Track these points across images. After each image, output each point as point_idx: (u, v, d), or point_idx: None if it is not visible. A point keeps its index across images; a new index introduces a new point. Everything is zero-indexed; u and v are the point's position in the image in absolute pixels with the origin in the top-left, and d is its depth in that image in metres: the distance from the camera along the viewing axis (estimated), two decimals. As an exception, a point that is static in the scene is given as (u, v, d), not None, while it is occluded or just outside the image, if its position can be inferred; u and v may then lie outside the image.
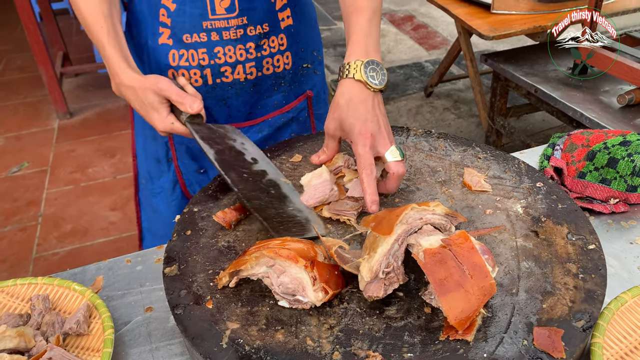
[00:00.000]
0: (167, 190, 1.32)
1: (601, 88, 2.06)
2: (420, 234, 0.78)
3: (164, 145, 1.27)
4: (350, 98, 0.93)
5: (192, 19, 1.10)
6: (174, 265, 0.83)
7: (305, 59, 1.26)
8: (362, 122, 0.91)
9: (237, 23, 1.11)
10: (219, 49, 1.13)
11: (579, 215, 0.91)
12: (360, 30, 0.98)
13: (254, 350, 0.70)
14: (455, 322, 0.69)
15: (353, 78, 0.94)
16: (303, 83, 1.29)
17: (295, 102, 1.29)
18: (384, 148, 0.91)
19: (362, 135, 0.90)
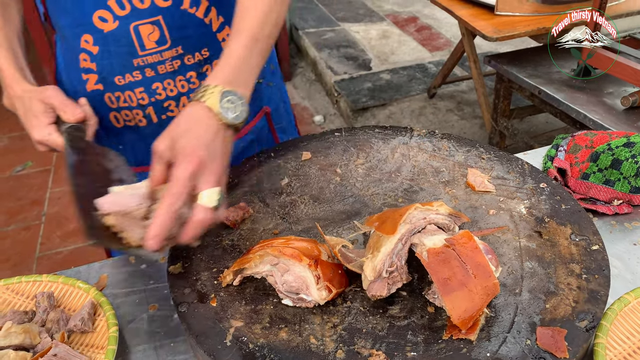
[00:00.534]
0: None
1: (605, 90, 2.06)
2: (423, 233, 0.79)
3: None
4: (195, 121, 0.79)
5: (121, 59, 1.01)
6: (178, 263, 0.84)
7: None
8: (196, 146, 0.76)
9: (172, 54, 1.03)
10: (157, 84, 1.05)
11: (582, 216, 0.91)
12: (233, 54, 0.85)
13: (257, 348, 0.70)
14: (458, 321, 0.70)
15: (204, 103, 0.79)
16: (257, 100, 1.20)
17: (254, 121, 1.21)
18: (206, 184, 0.76)
19: (188, 157, 0.75)
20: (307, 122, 3.77)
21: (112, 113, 1.10)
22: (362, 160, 1.08)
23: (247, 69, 0.85)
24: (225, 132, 0.81)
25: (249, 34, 0.86)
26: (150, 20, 0.99)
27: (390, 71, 4.02)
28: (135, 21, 0.98)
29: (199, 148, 0.76)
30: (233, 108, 0.81)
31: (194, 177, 0.75)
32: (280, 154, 1.10)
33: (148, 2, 0.98)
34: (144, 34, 1.00)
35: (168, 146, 0.78)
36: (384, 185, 1.01)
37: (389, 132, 1.16)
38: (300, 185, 1.01)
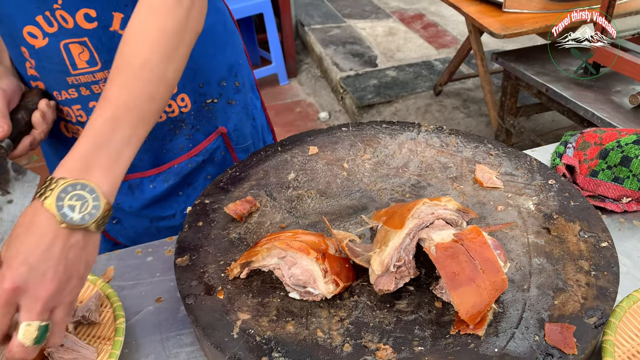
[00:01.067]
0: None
1: (613, 88, 2.05)
2: (431, 228, 0.78)
3: None
4: (28, 226, 0.63)
5: (55, 75, 0.97)
6: (185, 255, 0.84)
7: (209, 94, 1.09)
8: (12, 266, 0.61)
9: (104, 76, 0.96)
10: (94, 103, 0.99)
11: (591, 213, 0.90)
12: (89, 133, 0.68)
13: (264, 340, 0.70)
14: (466, 316, 0.69)
15: (42, 202, 0.63)
16: (212, 120, 1.12)
17: (205, 142, 1.13)
18: (26, 313, 0.61)
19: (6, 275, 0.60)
20: (312, 119, 3.76)
21: (62, 122, 1.06)
22: (369, 156, 1.08)
23: (113, 148, 0.68)
24: (70, 237, 0.63)
25: (117, 104, 0.70)
26: (78, 40, 0.93)
27: (396, 68, 4.01)
28: (64, 39, 0.93)
29: (16, 267, 0.60)
30: (80, 206, 0.64)
31: (10, 303, 0.60)
32: (287, 148, 1.10)
33: (72, 23, 0.91)
34: (75, 53, 0.94)
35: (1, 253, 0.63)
36: (391, 181, 1.01)
37: (396, 127, 1.15)
38: (307, 180, 1.01)
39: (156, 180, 1.12)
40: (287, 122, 3.72)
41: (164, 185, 1.13)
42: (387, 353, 0.68)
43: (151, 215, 1.17)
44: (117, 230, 1.21)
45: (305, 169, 1.04)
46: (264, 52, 4.22)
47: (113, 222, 1.18)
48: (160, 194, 1.13)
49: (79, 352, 0.74)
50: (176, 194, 1.15)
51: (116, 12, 0.93)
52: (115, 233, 1.22)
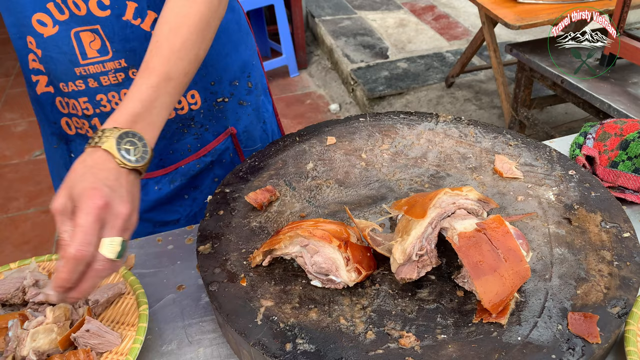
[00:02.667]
0: None
1: (629, 79, 2.03)
2: (453, 218, 0.78)
3: None
4: (92, 166, 0.70)
5: (62, 66, 0.95)
6: (207, 243, 0.84)
7: (221, 93, 1.09)
8: (96, 185, 0.67)
9: (115, 66, 0.96)
10: (101, 96, 0.99)
11: (612, 203, 0.90)
12: (137, 96, 0.76)
13: (288, 327, 0.71)
14: (489, 305, 0.69)
15: (100, 147, 0.71)
16: (222, 120, 1.11)
17: (214, 142, 1.12)
18: (110, 230, 0.67)
19: (90, 200, 0.66)
20: (322, 111, 3.76)
21: (63, 119, 1.05)
22: (387, 146, 1.08)
23: (155, 111, 0.77)
24: (128, 176, 0.72)
25: (160, 73, 0.78)
26: (89, 27, 0.92)
27: (407, 60, 3.99)
28: (75, 27, 0.92)
29: (101, 187, 0.67)
30: (133, 150, 0.72)
31: (99, 220, 0.66)
32: (305, 138, 1.10)
33: (84, 9, 0.91)
34: (85, 41, 0.93)
35: (67, 197, 0.68)
36: (409, 171, 1.01)
37: (414, 117, 1.15)
38: (326, 170, 1.01)
39: (162, 181, 1.10)
40: (298, 114, 3.72)
41: (170, 187, 1.11)
42: (411, 340, 0.68)
43: (155, 220, 1.14)
44: None
45: (324, 159, 1.04)
46: (274, 44, 4.22)
47: None
48: (165, 196, 1.12)
49: (104, 338, 0.75)
50: (182, 197, 1.14)
51: (130, 2, 0.93)
52: None
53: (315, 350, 0.67)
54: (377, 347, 0.68)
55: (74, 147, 1.10)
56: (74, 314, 0.79)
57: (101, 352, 0.75)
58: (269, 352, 0.67)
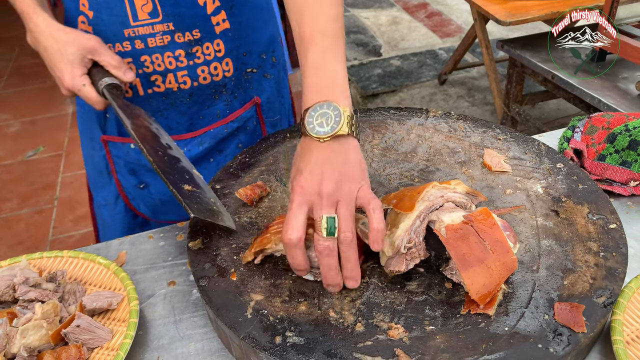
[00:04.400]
0: (110, 204, 1.26)
1: (619, 75, 2.05)
2: (441, 210, 0.79)
3: (102, 157, 1.20)
4: (301, 153, 0.77)
5: (112, 27, 1.00)
6: (198, 239, 0.85)
7: (250, 64, 1.15)
8: (296, 173, 0.75)
9: (163, 29, 1.01)
10: (145, 57, 1.03)
11: (599, 195, 0.91)
12: (309, 67, 0.79)
13: (278, 320, 0.71)
14: (476, 296, 0.70)
15: (311, 137, 0.75)
16: (249, 89, 1.18)
17: (241, 110, 1.18)
18: (316, 210, 0.72)
19: (292, 189, 0.73)
20: (316, 109, 3.76)
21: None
22: (377, 141, 1.08)
23: (332, 71, 0.79)
24: (330, 147, 0.74)
25: (334, 35, 0.80)
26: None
27: (400, 57, 4.00)
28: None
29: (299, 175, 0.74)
30: (325, 121, 0.75)
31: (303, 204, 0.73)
32: (296, 134, 1.11)
33: None
34: (138, 4, 0.99)
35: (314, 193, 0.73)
36: (399, 166, 1.01)
37: (404, 113, 1.16)
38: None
39: (191, 143, 1.16)
40: (292, 112, 3.72)
41: (198, 149, 1.16)
42: (399, 332, 0.69)
43: None
44: (141, 198, 1.22)
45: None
46: (267, 42, 4.21)
47: (140, 187, 1.20)
48: (193, 157, 1.16)
49: (95, 333, 0.76)
50: (207, 160, 1.19)
51: None
52: (139, 201, 1.23)
53: (304, 343, 0.68)
54: (365, 339, 0.68)
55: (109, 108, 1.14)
56: (63, 311, 0.79)
57: (92, 348, 0.75)
58: (258, 346, 0.68)
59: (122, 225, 1.27)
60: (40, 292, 0.80)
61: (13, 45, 4.79)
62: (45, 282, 0.84)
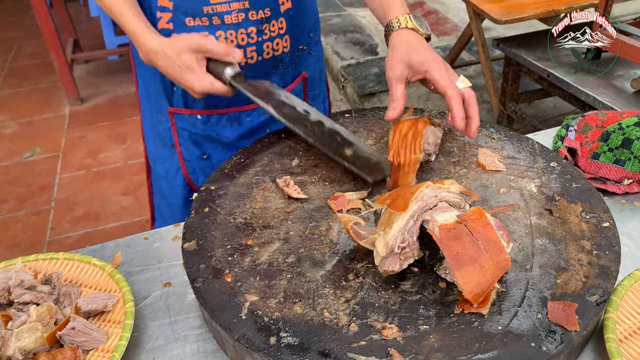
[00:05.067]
0: (170, 176, 1.32)
1: (614, 72, 2.05)
2: (435, 210, 0.79)
3: (167, 130, 1.26)
4: (410, 41, 1.01)
5: (194, 3, 1.07)
6: (192, 240, 0.85)
7: (302, 41, 1.25)
8: (432, 56, 0.99)
9: (239, 7, 1.09)
10: (220, 32, 1.10)
11: (593, 194, 0.91)
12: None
13: (272, 321, 0.71)
14: (470, 296, 0.71)
15: (406, 27, 1.03)
16: (299, 65, 1.27)
17: (293, 84, 1.28)
18: (455, 77, 0.99)
19: (437, 63, 0.98)
20: (313, 108, 3.76)
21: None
22: (372, 141, 1.08)
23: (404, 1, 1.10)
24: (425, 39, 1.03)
25: None
26: None
27: (397, 56, 4.00)
28: None
29: (435, 56, 0.99)
30: (422, 24, 1.04)
31: (447, 75, 0.98)
32: (291, 134, 1.11)
33: None
34: None
35: (404, 67, 1.00)
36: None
37: (398, 112, 1.16)
38: (310, 166, 1.02)
39: (252, 114, 1.24)
40: (289, 112, 3.71)
41: (260, 119, 1.26)
42: (393, 332, 0.69)
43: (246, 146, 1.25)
44: (202, 169, 1.29)
45: (309, 155, 1.05)
46: (264, 42, 4.21)
47: (203, 158, 1.27)
48: (255, 126, 1.26)
49: (90, 335, 0.76)
50: (265, 130, 1.27)
51: None
52: (199, 174, 1.29)
53: (299, 343, 0.68)
54: (360, 339, 0.69)
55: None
56: (58, 313, 0.79)
57: (87, 350, 0.75)
58: (253, 346, 0.68)
59: (180, 198, 1.32)
60: (36, 295, 0.80)
61: (10, 46, 4.78)
62: (41, 284, 0.84)
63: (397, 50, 1.01)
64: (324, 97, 1.42)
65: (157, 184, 1.39)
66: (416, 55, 0.99)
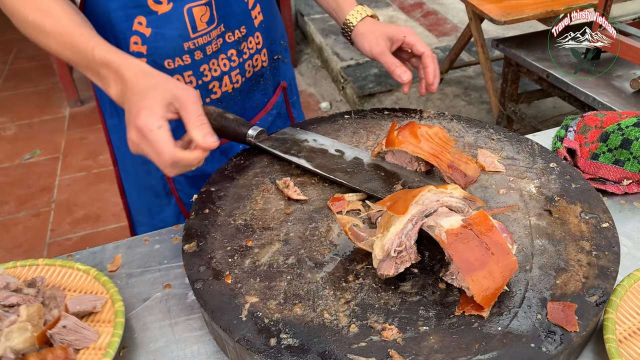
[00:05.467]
0: (170, 224, 1.18)
1: (614, 73, 2.05)
2: (437, 215, 0.79)
3: (159, 179, 1.18)
4: (375, 22, 1.12)
5: (172, 42, 1.00)
6: (193, 242, 0.85)
7: (276, 51, 1.23)
8: (402, 26, 1.11)
9: (217, 33, 1.04)
10: (204, 66, 1.05)
11: (592, 194, 0.91)
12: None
13: (272, 323, 0.71)
14: (481, 299, 0.70)
15: (368, 16, 1.14)
16: (277, 75, 1.26)
17: (274, 97, 1.25)
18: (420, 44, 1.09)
19: (410, 30, 1.10)
20: (313, 109, 3.77)
21: None
22: (372, 142, 1.09)
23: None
24: None
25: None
26: (203, 3, 0.99)
27: (396, 57, 4.00)
28: (189, 3, 0.98)
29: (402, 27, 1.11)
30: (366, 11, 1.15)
31: None
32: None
33: None
34: (197, 15, 0.99)
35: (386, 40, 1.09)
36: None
37: (398, 114, 1.16)
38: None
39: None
40: (288, 113, 3.72)
41: None
42: (393, 333, 0.69)
43: None
44: None
45: (309, 156, 1.05)
46: (264, 43, 4.21)
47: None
48: None
49: (81, 334, 0.75)
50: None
51: None
52: None
53: (299, 345, 0.68)
54: (360, 340, 0.69)
55: None
56: (47, 314, 0.79)
57: (78, 349, 0.75)
58: (253, 348, 0.68)
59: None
60: (22, 297, 0.80)
61: (10, 48, 4.79)
62: (26, 287, 0.83)
63: (370, 31, 1.10)
64: (299, 104, 1.40)
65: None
66: (389, 28, 1.09)
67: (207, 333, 0.82)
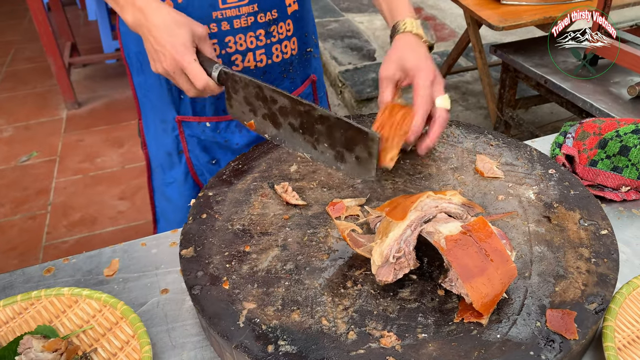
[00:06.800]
0: (179, 181, 1.32)
1: (611, 79, 2.06)
2: (436, 221, 0.79)
3: (174, 138, 1.26)
4: (410, 44, 1.02)
5: (202, 11, 1.07)
6: (190, 247, 0.85)
7: (308, 44, 1.27)
8: (424, 61, 0.98)
9: (248, 10, 1.10)
10: (229, 38, 1.11)
11: (591, 201, 0.91)
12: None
13: (270, 329, 0.71)
14: (480, 306, 0.70)
15: (411, 32, 1.03)
16: (307, 67, 1.29)
17: (302, 87, 1.29)
18: (438, 92, 0.97)
19: (425, 71, 0.96)
20: (311, 113, 3.76)
21: None
22: (370, 147, 1.08)
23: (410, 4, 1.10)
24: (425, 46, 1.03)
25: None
26: None
27: (394, 61, 4.00)
28: None
29: (427, 63, 0.98)
30: (426, 32, 1.04)
31: (432, 85, 0.96)
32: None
33: None
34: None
35: (397, 68, 1.00)
36: (392, 173, 1.01)
37: (397, 119, 1.16)
38: (309, 172, 1.02)
39: None
40: (286, 117, 3.71)
41: None
42: (392, 340, 0.69)
43: None
44: (210, 172, 1.28)
45: (307, 161, 1.05)
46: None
47: (212, 163, 1.28)
48: None
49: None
50: None
51: None
52: (208, 176, 1.29)
53: (297, 352, 0.68)
54: (358, 347, 0.68)
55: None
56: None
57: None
58: (251, 354, 0.68)
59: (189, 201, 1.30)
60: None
61: (7, 50, 4.78)
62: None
63: (395, 50, 1.02)
64: (325, 97, 1.44)
65: (161, 189, 1.39)
66: (411, 60, 0.99)
67: (204, 339, 0.81)
